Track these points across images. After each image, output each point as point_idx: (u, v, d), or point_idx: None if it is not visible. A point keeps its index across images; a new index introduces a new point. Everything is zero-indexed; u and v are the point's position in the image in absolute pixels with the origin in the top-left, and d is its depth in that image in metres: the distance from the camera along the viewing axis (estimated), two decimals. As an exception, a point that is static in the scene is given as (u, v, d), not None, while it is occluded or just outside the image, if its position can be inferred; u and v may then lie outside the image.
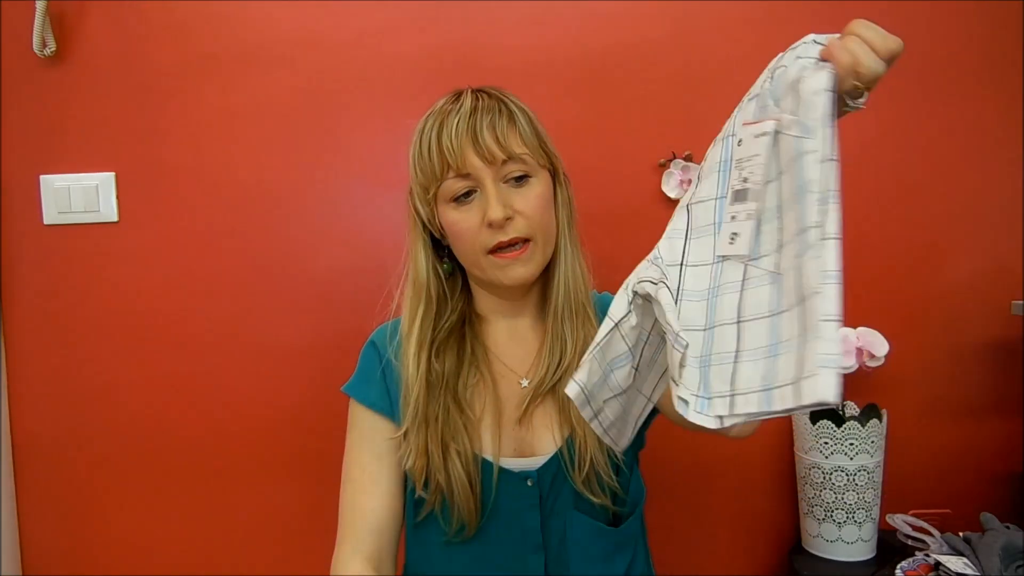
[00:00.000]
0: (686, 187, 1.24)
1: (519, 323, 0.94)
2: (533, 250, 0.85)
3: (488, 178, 0.83)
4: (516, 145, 0.83)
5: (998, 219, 1.27)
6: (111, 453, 1.30)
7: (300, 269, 1.29)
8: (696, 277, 0.62)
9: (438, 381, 0.88)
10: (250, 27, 1.26)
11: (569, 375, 0.83)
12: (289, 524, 1.30)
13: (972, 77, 1.25)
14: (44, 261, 1.28)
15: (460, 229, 0.85)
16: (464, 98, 0.85)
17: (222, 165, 1.27)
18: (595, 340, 0.66)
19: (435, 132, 0.84)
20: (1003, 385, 1.28)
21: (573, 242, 0.91)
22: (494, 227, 0.82)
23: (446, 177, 0.84)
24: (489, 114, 0.83)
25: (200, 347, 1.29)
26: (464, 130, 0.82)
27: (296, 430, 1.29)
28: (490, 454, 0.87)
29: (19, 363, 1.29)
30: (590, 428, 0.81)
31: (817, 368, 0.49)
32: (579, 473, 0.85)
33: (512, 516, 0.87)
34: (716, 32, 1.26)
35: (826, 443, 1.15)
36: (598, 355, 0.66)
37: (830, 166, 0.54)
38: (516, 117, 0.85)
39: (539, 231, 0.85)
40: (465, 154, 0.82)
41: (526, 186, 0.85)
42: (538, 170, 0.86)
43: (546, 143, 0.88)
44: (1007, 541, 1.04)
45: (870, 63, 0.59)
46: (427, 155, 0.84)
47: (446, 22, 1.26)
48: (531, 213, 0.84)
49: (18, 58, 1.25)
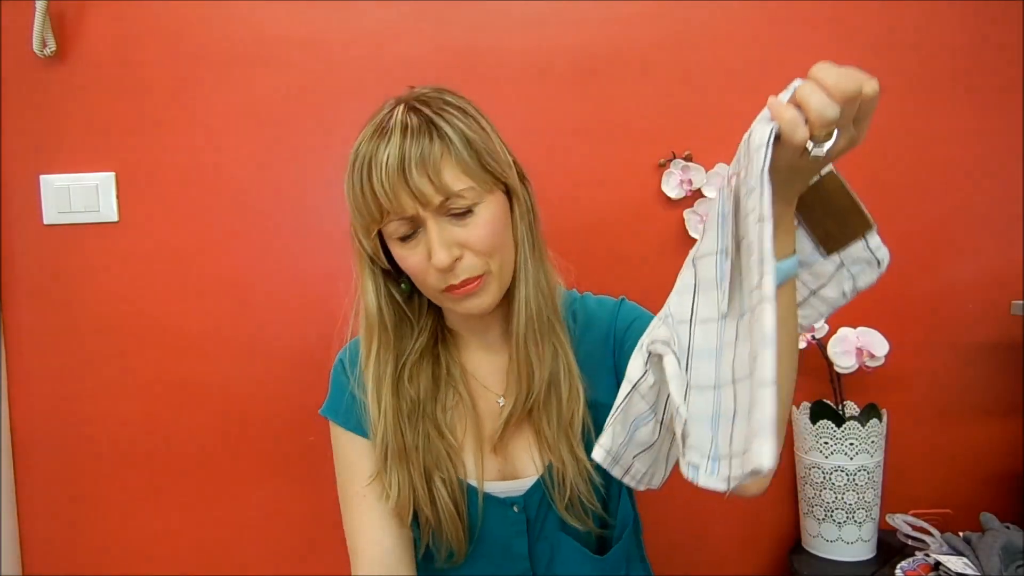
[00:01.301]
0: (686, 187, 1.24)
1: (489, 336, 0.90)
2: (488, 281, 0.79)
3: (430, 218, 0.75)
4: (453, 180, 0.75)
5: (998, 219, 1.27)
6: (111, 453, 1.30)
7: (300, 269, 1.29)
8: (705, 334, 0.62)
9: (414, 408, 0.84)
10: (250, 27, 1.26)
11: (541, 397, 0.83)
12: (289, 524, 1.30)
13: (972, 77, 1.25)
14: (44, 261, 1.28)
15: (409, 266, 0.79)
16: (393, 124, 0.76)
17: (222, 165, 1.27)
18: (615, 404, 0.66)
19: (365, 172, 0.76)
20: (1003, 385, 1.28)
21: (536, 253, 0.84)
22: (443, 271, 0.77)
23: (386, 220, 0.77)
24: (418, 145, 0.74)
25: (200, 347, 1.29)
26: (395, 169, 0.73)
27: (296, 430, 1.29)
28: (474, 479, 0.84)
29: (19, 363, 1.29)
30: (569, 456, 0.81)
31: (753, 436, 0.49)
32: (561, 499, 0.82)
33: (500, 542, 0.85)
34: (716, 32, 1.26)
35: (826, 443, 1.15)
36: (620, 418, 0.66)
37: (765, 226, 0.53)
38: (450, 143, 0.75)
39: (493, 260, 0.79)
40: (400, 198, 0.74)
41: (473, 217, 0.77)
42: (484, 196, 0.78)
43: (490, 162, 0.78)
44: (1007, 541, 1.04)
45: (819, 107, 0.54)
46: (361, 198, 0.77)
47: (446, 23, 1.26)
48: (481, 246, 0.77)
49: (18, 58, 1.25)
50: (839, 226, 0.67)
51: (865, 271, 0.68)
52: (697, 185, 1.24)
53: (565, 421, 0.83)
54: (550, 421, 0.83)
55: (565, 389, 0.84)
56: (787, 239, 0.63)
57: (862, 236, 0.67)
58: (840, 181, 0.65)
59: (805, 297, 0.70)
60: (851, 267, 0.68)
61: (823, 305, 0.71)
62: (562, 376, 0.84)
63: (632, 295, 0.96)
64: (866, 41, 1.25)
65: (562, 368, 0.84)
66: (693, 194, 1.24)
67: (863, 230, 0.67)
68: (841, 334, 1.17)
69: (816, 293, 0.70)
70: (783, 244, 0.62)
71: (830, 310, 0.71)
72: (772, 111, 0.58)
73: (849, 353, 1.15)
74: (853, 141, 0.60)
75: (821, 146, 0.57)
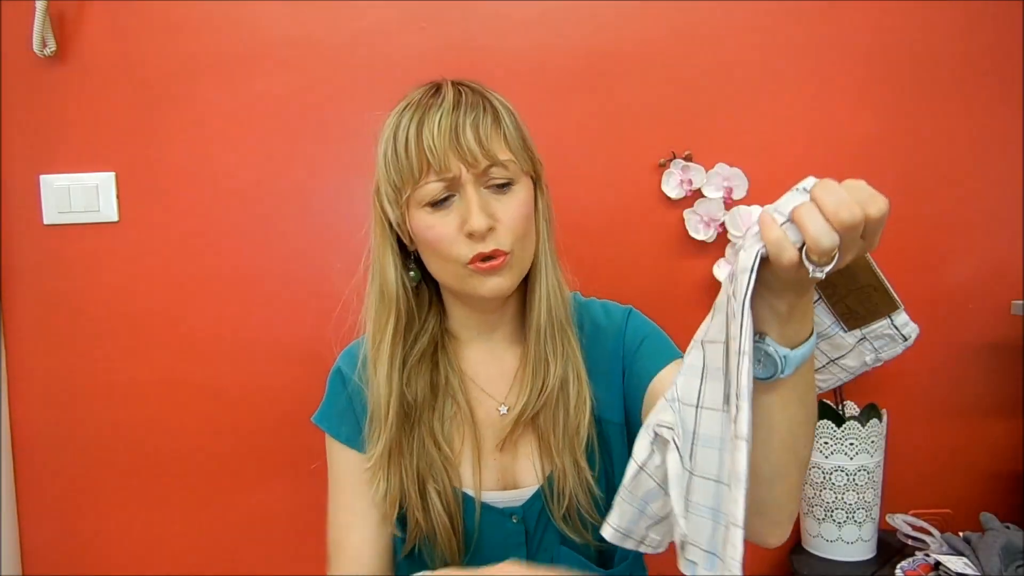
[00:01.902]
0: (686, 187, 1.24)
1: (495, 341, 0.88)
2: (511, 261, 0.78)
3: (470, 183, 0.76)
4: (500, 149, 0.77)
5: (998, 219, 1.27)
6: (111, 453, 1.30)
7: (299, 269, 1.29)
8: (711, 421, 0.60)
9: (411, 412, 0.82)
10: (250, 27, 1.26)
11: (551, 400, 0.81)
12: (289, 524, 1.30)
13: (972, 77, 1.25)
14: (44, 261, 1.28)
15: (435, 236, 0.77)
16: (445, 92, 0.78)
17: (222, 165, 1.27)
18: (622, 483, 0.65)
19: (414, 129, 0.76)
20: (1003, 385, 1.28)
21: (552, 255, 0.84)
22: (474, 237, 0.76)
23: (424, 179, 0.76)
24: (473, 112, 0.76)
25: (200, 347, 1.29)
26: (447, 128, 0.75)
27: (296, 430, 1.29)
28: (471, 488, 0.83)
29: (19, 363, 1.29)
30: (571, 465, 0.80)
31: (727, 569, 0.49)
32: (559, 509, 0.81)
33: (498, 553, 0.82)
34: (716, 32, 1.26)
35: (826, 443, 1.15)
36: (627, 496, 0.64)
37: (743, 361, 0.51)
38: (501, 117, 0.79)
39: (519, 243, 0.78)
40: (446, 154, 0.75)
41: (509, 193, 0.78)
42: (521, 176, 0.80)
43: (531, 147, 0.82)
44: (1007, 541, 1.04)
45: (816, 236, 0.50)
46: (404, 154, 0.77)
47: (445, 22, 1.26)
48: (513, 224, 0.77)
49: (18, 58, 1.25)
50: (862, 304, 0.62)
51: (889, 345, 0.64)
52: (697, 185, 1.24)
53: (572, 428, 0.81)
54: (556, 427, 0.82)
55: (574, 395, 0.82)
56: (802, 325, 0.59)
57: (887, 316, 0.62)
58: (867, 258, 0.60)
59: (824, 364, 0.68)
60: (874, 341, 0.64)
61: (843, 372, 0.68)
62: (571, 381, 0.83)
63: (632, 295, 0.96)
64: (866, 41, 1.25)
65: (572, 374, 0.83)
66: (693, 194, 1.24)
67: (888, 310, 0.62)
68: (841, 334, 1.17)
69: (835, 362, 0.68)
70: (797, 331, 0.59)
71: (850, 377, 0.69)
72: (761, 228, 0.53)
73: (849, 353, 1.15)
74: (863, 251, 0.55)
75: (821, 268, 0.52)
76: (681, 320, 1.18)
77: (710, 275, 1.23)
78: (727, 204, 1.23)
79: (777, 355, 0.58)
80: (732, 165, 1.24)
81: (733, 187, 1.23)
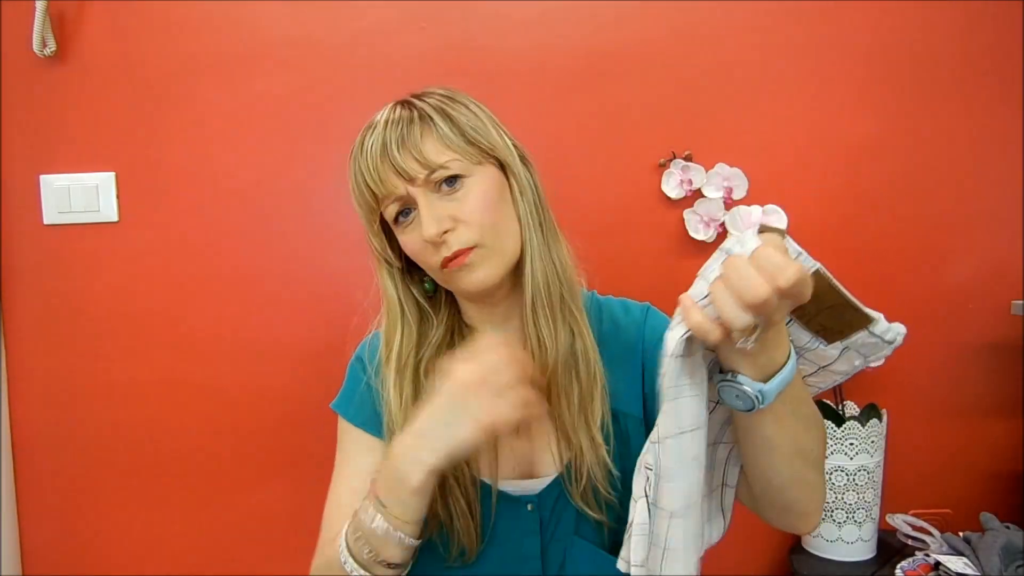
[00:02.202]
0: (686, 187, 1.24)
1: (509, 328, 0.88)
2: (481, 255, 0.78)
3: (419, 194, 0.77)
4: (435, 154, 0.77)
5: (998, 219, 1.27)
6: (111, 453, 1.30)
7: (299, 269, 1.29)
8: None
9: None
10: (250, 27, 1.26)
11: (558, 379, 0.82)
12: (289, 524, 1.30)
13: (972, 77, 1.25)
14: (44, 261, 1.28)
15: (411, 251, 0.81)
16: (379, 115, 0.81)
17: (222, 165, 1.27)
18: (628, 521, 0.67)
19: (356, 166, 0.80)
20: (1003, 385, 1.28)
21: (545, 232, 0.84)
22: (435, 244, 0.77)
23: (383, 205, 0.80)
24: (398, 128, 0.78)
25: (199, 347, 1.29)
26: (378, 152, 0.78)
27: (296, 430, 1.29)
28: (487, 476, 0.83)
29: (19, 363, 1.29)
30: (587, 441, 0.80)
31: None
32: (577, 489, 0.81)
33: (511, 541, 0.83)
34: (716, 32, 1.26)
35: (826, 443, 1.15)
36: (637, 532, 0.66)
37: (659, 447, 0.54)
38: (431, 122, 0.78)
39: (488, 232, 0.79)
40: (387, 179, 0.77)
41: (462, 189, 0.78)
42: (474, 169, 0.79)
43: (475, 136, 0.80)
44: (1007, 541, 1.04)
45: (729, 318, 0.51)
46: (358, 191, 0.81)
47: (446, 23, 1.26)
48: (471, 218, 0.77)
49: (18, 58, 1.25)
50: (836, 321, 0.62)
51: (876, 349, 0.64)
52: (697, 185, 1.24)
53: (585, 403, 0.82)
54: (570, 404, 0.82)
55: (584, 371, 0.82)
56: (775, 353, 0.60)
57: (864, 328, 0.62)
58: (828, 280, 0.59)
59: (814, 371, 0.68)
60: (859, 349, 0.64)
61: (835, 375, 0.68)
62: (579, 358, 0.83)
63: (632, 295, 0.96)
64: (866, 41, 1.25)
65: (579, 350, 0.83)
66: (693, 194, 1.24)
67: (864, 324, 0.62)
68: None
69: (825, 368, 0.68)
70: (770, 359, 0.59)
71: (845, 378, 0.69)
72: (683, 314, 0.54)
73: (849, 353, 1.15)
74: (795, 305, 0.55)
75: (748, 340, 0.53)
76: (681, 320, 1.18)
77: (710, 275, 1.23)
78: (727, 204, 1.23)
79: (751, 393, 0.59)
80: (732, 165, 1.24)
81: (733, 187, 1.23)
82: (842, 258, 1.26)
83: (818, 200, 1.26)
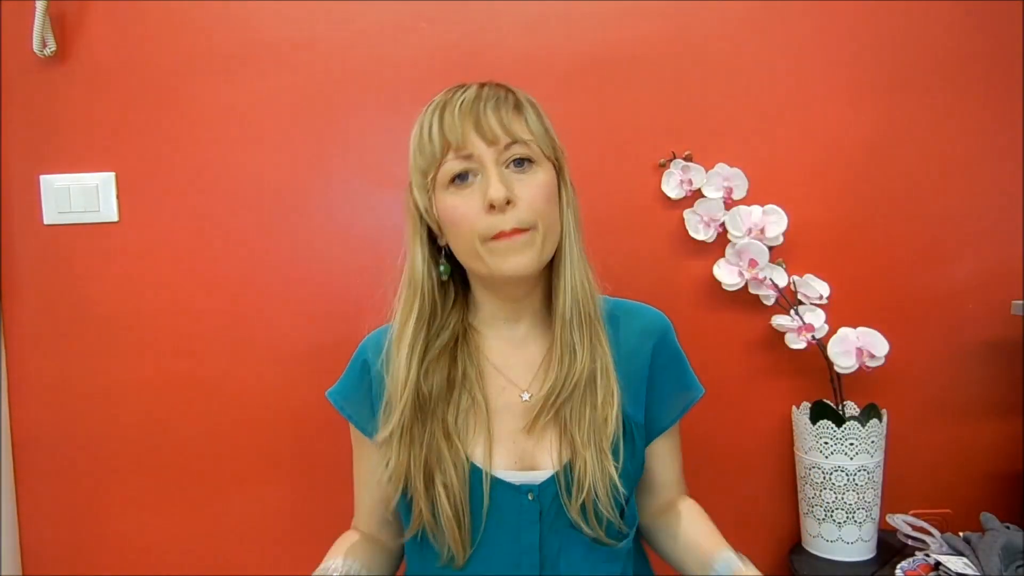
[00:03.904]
0: (686, 187, 1.24)
1: (519, 329, 0.90)
2: (534, 237, 0.80)
3: (490, 159, 0.79)
4: (521, 131, 0.81)
5: (998, 219, 1.27)
6: (111, 453, 1.30)
7: (299, 269, 1.29)
8: None
9: (426, 405, 0.84)
10: (250, 27, 1.26)
11: (579, 392, 0.83)
12: (289, 524, 1.30)
13: (973, 77, 1.25)
14: (44, 261, 1.28)
15: (458, 215, 0.80)
16: (468, 86, 0.84)
17: (222, 165, 1.27)
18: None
19: (437, 115, 0.81)
20: (1003, 385, 1.28)
21: (580, 248, 0.86)
22: (495, 210, 0.78)
23: (446, 158, 0.80)
24: (494, 99, 0.81)
25: (200, 347, 1.29)
26: (467, 111, 0.80)
27: (296, 430, 1.29)
28: (482, 464, 0.84)
29: (19, 363, 1.29)
30: (595, 455, 0.81)
31: None
32: (576, 501, 0.81)
33: (511, 531, 0.83)
34: (716, 32, 1.26)
35: (826, 443, 1.15)
36: None
37: None
38: (523, 106, 0.83)
39: (542, 220, 0.80)
40: (466, 133, 0.79)
41: (529, 172, 0.81)
42: (543, 160, 0.83)
43: (553, 136, 0.86)
44: (1007, 541, 1.04)
45: None
46: (427, 137, 0.81)
47: (446, 22, 1.26)
48: (533, 201, 0.80)
49: (18, 58, 1.25)
50: None
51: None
52: (697, 185, 1.24)
53: (598, 423, 0.82)
54: (581, 422, 0.83)
55: (602, 390, 0.83)
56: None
57: None
58: None
59: None
60: None
61: None
62: (599, 375, 0.84)
63: (632, 295, 0.96)
64: (866, 41, 1.25)
65: (600, 368, 0.84)
66: (693, 194, 1.24)
67: None
68: (841, 334, 1.17)
69: None
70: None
71: None
72: None
73: (849, 353, 1.15)
74: None
75: None
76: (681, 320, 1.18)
77: (710, 275, 1.23)
78: (727, 204, 1.23)
79: None
80: (732, 165, 1.24)
81: (733, 187, 1.23)
82: (842, 258, 1.26)
83: (818, 200, 1.26)
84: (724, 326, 1.26)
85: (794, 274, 1.22)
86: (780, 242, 1.21)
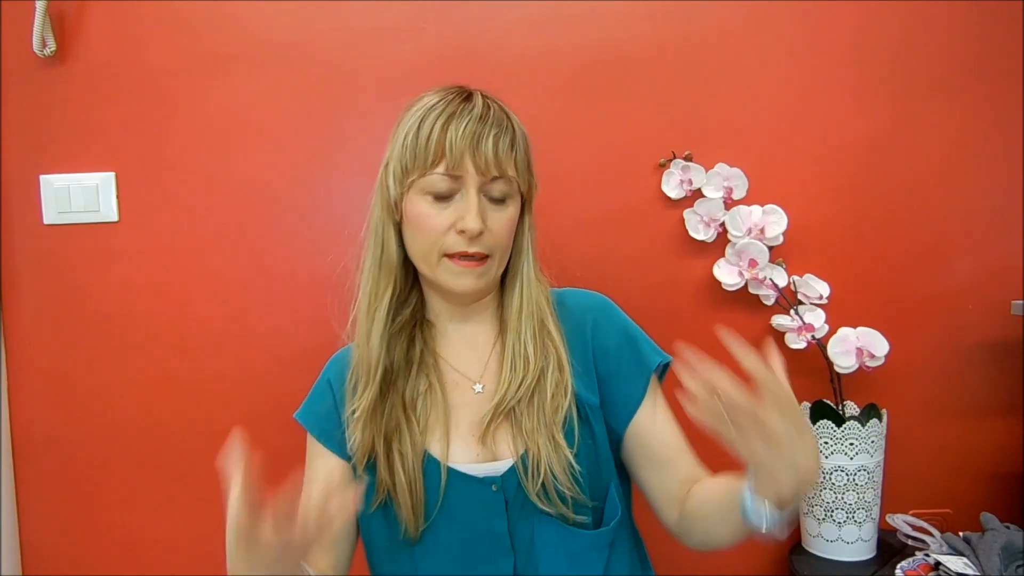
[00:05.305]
0: (686, 187, 1.24)
1: (468, 328, 0.94)
2: (489, 265, 0.86)
3: (473, 187, 0.83)
4: (509, 167, 0.84)
5: (998, 219, 1.27)
6: (111, 453, 1.30)
7: (300, 269, 1.29)
8: None
9: (388, 375, 0.88)
10: (250, 27, 1.26)
11: (528, 391, 0.86)
12: (289, 524, 1.30)
13: (972, 77, 1.25)
14: (44, 261, 1.28)
15: (427, 224, 0.84)
16: (476, 101, 0.85)
17: (222, 165, 1.27)
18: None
19: (441, 123, 0.83)
20: (1003, 385, 1.28)
21: (536, 265, 0.92)
22: (465, 235, 0.83)
23: (435, 170, 0.83)
24: (497, 127, 0.84)
25: (200, 347, 1.29)
26: (470, 133, 0.82)
27: (296, 430, 1.29)
28: (439, 456, 0.87)
29: (19, 363, 1.29)
30: (547, 442, 0.84)
31: None
32: (534, 485, 0.84)
33: (479, 522, 0.85)
34: (716, 32, 1.26)
35: (826, 443, 1.15)
36: None
37: None
38: (517, 141, 0.86)
39: (500, 250, 0.87)
40: (463, 156, 0.82)
41: (502, 208, 0.86)
42: (515, 195, 0.87)
43: (532, 171, 0.90)
44: (1007, 541, 1.04)
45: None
46: (424, 142, 0.83)
47: (446, 23, 1.26)
48: (500, 234, 0.85)
49: (18, 58, 1.25)
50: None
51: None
52: (697, 185, 1.24)
53: (548, 414, 0.86)
54: (530, 414, 0.86)
55: (551, 385, 0.87)
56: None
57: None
58: None
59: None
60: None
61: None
62: (551, 371, 0.87)
63: (632, 295, 0.96)
64: (866, 41, 1.25)
65: (552, 364, 0.88)
66: (693, 194, 1.24)
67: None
68: (841, 334, 1.17)
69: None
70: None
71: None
72: None
73: (849, 353, 1.15)
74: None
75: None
76: (681, 320, 1.19)
77: (710, 275, 1.23)
78: (727, 204, 1.23)
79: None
80: (732, 165, 1.24)
81: (733, 187, 1.23)
82: (842, 258, 1.26)
83: (818, 200, 1.26)
84: (724, 326, 1.26)
85: (794, 274, 1.22)
86: (780, 242, 1.21)
